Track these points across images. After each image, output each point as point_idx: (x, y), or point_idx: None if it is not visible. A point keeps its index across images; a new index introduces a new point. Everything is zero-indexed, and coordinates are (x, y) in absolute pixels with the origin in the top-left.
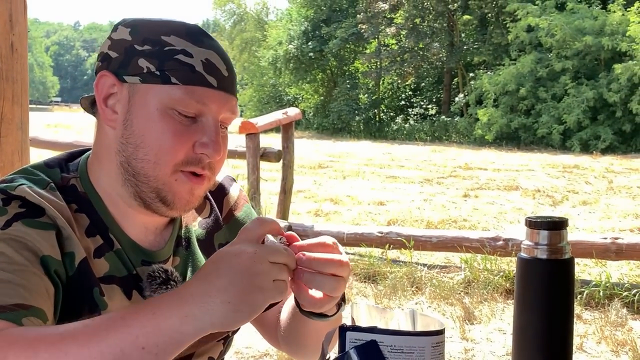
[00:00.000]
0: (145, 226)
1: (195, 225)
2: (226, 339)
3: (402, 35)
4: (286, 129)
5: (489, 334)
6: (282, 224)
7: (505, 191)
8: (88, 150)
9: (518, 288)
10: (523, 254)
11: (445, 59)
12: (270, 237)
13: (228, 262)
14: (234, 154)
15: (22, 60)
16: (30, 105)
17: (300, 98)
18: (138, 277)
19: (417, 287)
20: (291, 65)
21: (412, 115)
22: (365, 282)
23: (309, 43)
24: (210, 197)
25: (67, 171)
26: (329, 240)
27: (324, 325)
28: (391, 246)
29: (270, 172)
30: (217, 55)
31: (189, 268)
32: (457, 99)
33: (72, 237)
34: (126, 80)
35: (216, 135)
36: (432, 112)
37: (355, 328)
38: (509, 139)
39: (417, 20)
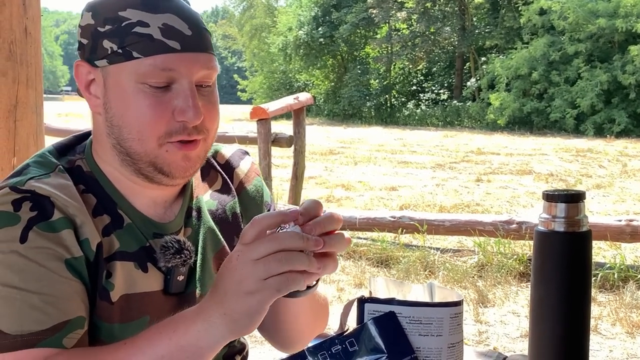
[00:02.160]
0: (153, 200)
1: (207, 196)
2: (240, 352)
3: (413, 20)
4: (297, 114)
5: (503, 316)
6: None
7: (518, 175)
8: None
9: (535, 261)
10: (540, 227)
11: (456, 43)
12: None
13: (221, 272)
14: (245, 140)
15: (35, 44)
16: None
17: (311, 84)
18: (151, 249)
19: (430, 271)
20: (301, 51)
21: (423, 101)
22: (378, 266)
23: (319, 29)
24: (221, 170)
25: (74, 154)
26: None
27: (298, 303)
28: (404, 230)
29: (282, 158)
30: (176, 16)
31: (201, 237)
32: (469, 83)
33: (85, 222)
34: (97, 65)
35: (193, 99)
36: (444, 97)
37: (373, 300)
38: (521, 123)
39: (428, 4)
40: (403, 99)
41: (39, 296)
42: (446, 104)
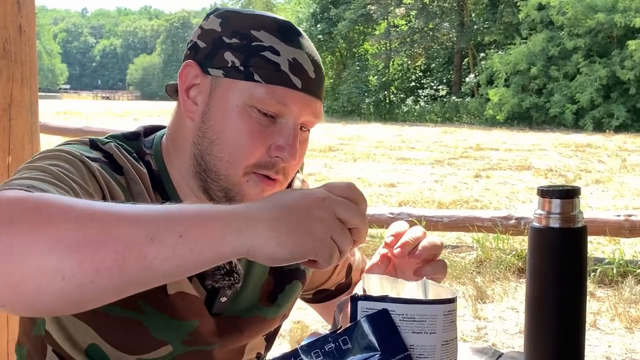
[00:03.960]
0: None
1: None
2: (269, 337)
3: (411, 16)
4: None
5: (502, 312)
6: None
7: (517, 171)
8: (161, 127)
9: (530, 258)
10: (535, 223)
11: (455, 39)
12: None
13: (294, 197)
14: None
15: (30, 42)
16: (39, 93)
17: None
18: None
19: None
20: None
21: (422, 97)
22: None
23: (318, 25)
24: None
25: (142, 146)
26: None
27: None
28: None
29: None
30: (306, 55)
31: (252, 263)
32: (467, 79)
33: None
34: (210, 72)
35: (294, 139)
36: (443, 93)
37: (366, 297)
38: (520, 118)
39: (427, 0)
40: (402, 96)
41: (72, 183)
42: (445, 100)
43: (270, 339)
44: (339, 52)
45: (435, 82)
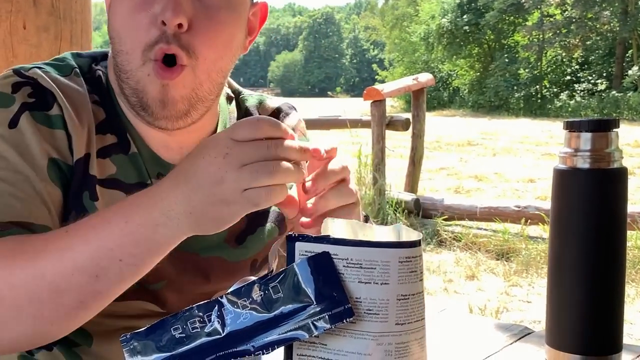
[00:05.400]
0: (164, 142)
1: None
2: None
3: (567, 4)
4: (417, 96)
5: (637, 312)
6: (409, 197)
7: None
8: None
9: (553, 208)
10: (560, 165)
11: (617, 28)
12: None
13: (196, 163)
14: (356, 123)
15: (82, 1)
16: None
17: (454, 74)
18: None
19: None
20: (444, 40)
21: (578, 91)
22: (497, 259)
23: (464, 16)
24: None
25: (98, 63)
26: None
27: None
28: (528, 221)
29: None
30: None
31: None
32: (630, 72)
33: (75, 132)
34: None
35: None
36: (602, 87)
37: (305, 237)
38: None
39: None
40: (555, 90)
41: (10, 187)
42: (604, 94)
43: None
44: (487, 44)
45: (593, 75)
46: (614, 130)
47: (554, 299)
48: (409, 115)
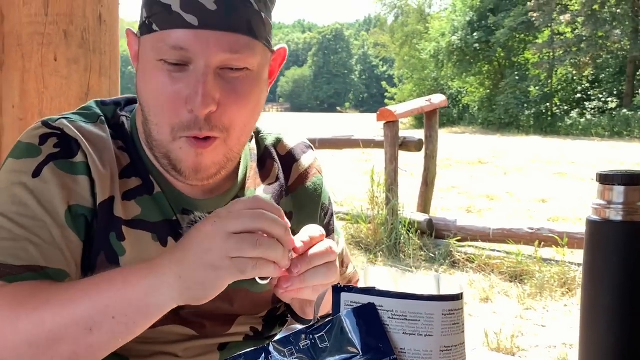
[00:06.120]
0: (190, 185)
1: (260, 190)
2: (269, 319)
3: (578, 23)
4: (430, 117)
5: None
6: (422, 218)
7: None
8: None
9: (586, 257)
10: (593, 216)
11: (628, 47)
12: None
13: (192, 232)
14: (369, 144)
15: (111, 32)
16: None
17: (464, 92)
18: (177, 224)
19: (568, 288)
20: (454, 57)
21: (589, 109)
22: (511, 281)
23: (474, 34)
24: (279, 162)
25: (122, 109)
26: (315, 231)
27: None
28: (542, 244)
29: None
30: None
31: None
32: None
33: (99, 176)
34: (137, 35)
35: (202, 85)
36: (612, 105)
37: (351, 289)
38: None
39: (596, 6)
40: (566, 108)
41: (27, 233)
42: (614, 113)
43: (270, 322)
44: (497, 62)
45: (604, 93)
46: None
47: (587, 345)
48: (419, 133)
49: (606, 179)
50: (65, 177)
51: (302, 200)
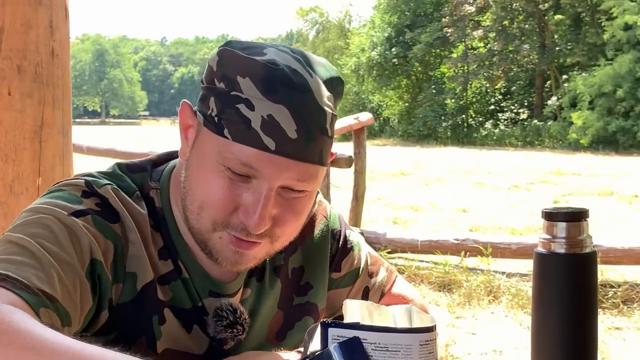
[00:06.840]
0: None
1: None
2: None
3: (490, 38)
4: (358, 135)
5: None
6: (356, 231)
7: (599, 197)
8: (175, 155)
9: (535, 285)
10: (540, 249)
11: (536, 61)
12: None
13: None
14: None
15: (63, 66)
16: (119, 120)
17: (384, 105)
18: (203, 310)
19: (494, 296)
20: (374, 72)
21: (502, 120)
22: (440, 290)
23: (393, 49)
24: None
25: (148, 179)
26: None
27: None
28: (467, 254)
29: (346, 179)
30: (289, 111)
31: (261, 302)
32: (549, 102)
33: (140, 256)
34: (197, 116)
35: (262, 208)
36: (524, 116)
37: (337, 324)
38: (606, 142)
39: (506, 22)
40: (480, 119)
41: (52, 262)
42: (526, 123)
43: None
44: (415, 76)
45: (515, 105)
46: (585, 220)
47: None
48: (344, 146)
49: (551, 217)
50: (97, 235)
51: (311, 252)
